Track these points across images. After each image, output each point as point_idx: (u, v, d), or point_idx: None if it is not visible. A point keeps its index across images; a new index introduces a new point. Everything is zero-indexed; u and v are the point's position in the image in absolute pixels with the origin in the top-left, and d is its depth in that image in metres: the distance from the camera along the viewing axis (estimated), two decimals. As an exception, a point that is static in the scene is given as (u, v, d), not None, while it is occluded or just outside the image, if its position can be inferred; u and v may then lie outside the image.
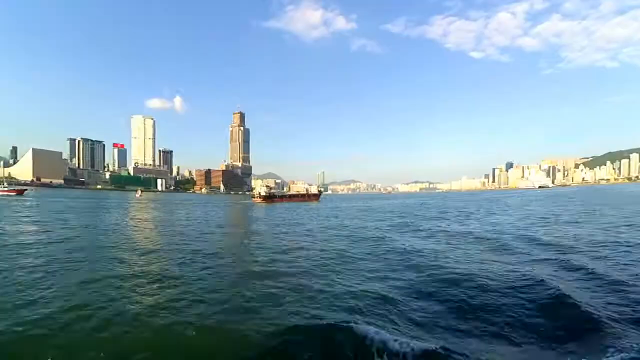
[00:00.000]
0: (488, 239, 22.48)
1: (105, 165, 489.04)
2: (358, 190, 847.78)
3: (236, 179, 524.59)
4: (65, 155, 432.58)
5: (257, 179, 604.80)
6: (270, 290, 11.71)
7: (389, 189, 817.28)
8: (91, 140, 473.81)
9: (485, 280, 12.48)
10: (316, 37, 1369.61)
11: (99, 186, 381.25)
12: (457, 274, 13.50)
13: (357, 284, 12.67)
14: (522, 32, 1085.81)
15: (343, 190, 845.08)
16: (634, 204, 50.98)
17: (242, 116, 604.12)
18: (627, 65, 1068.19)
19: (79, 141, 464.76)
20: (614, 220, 31.16)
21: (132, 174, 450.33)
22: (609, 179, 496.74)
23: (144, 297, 10.87)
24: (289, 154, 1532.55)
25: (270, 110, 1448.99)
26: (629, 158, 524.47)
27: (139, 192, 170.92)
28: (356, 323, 8.34)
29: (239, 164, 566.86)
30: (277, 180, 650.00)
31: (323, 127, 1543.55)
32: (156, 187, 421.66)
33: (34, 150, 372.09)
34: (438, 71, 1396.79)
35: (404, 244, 21.14)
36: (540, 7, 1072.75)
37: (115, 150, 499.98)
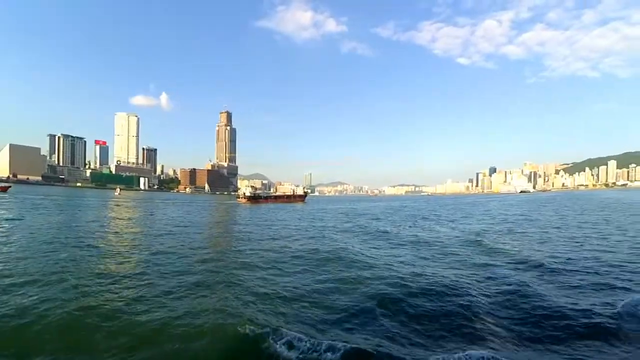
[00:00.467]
0: (434, 244, 22.45)
1: (87, 162, 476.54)
2: (345, 192, 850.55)
3: (222, 179, 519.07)
4: (45, 151, 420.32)
5: (244, 179, 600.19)
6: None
7: (376, 191, 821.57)
8: (72, 137, 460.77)
9: (411, 284, 12.54)
10: (307, 38, 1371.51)
11: (78, 184, 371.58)
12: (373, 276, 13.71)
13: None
14: (507, 40, 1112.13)
15: (330, 192, 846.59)
16: (602, 210, 52.13)
17: (229, 115, 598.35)
18: (607, 75, 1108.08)
19: (59, 137, 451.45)
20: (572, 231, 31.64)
21: (113, 172, 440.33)
22: (587, 185, 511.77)
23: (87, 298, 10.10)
24: (277, 155, 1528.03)
25: (258, 111, 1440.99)
26: (607, 165, 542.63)
27: (118, 190, 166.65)
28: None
29: (225, 164, 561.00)
30: (264, 181, 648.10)
31: (312, 129, 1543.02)
32: (138, 186, 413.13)
33: (11, 145, 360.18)
34: (426, 76, 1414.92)
35: (348, 246, 21.27)
36: (525, 16, 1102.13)
37: (97, 147, 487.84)
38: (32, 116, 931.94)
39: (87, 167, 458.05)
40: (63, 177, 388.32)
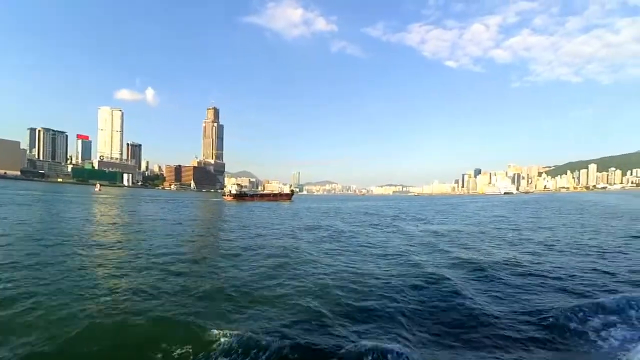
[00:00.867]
0: (387, 244, 22.64)
1: (69, 157, 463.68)
2: (333, 191, 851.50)
3: (208, 176, 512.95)
4: (25, 145, 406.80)
5: (231, 177, 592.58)
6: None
7: (364, 191, 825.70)
8: (53, 131, 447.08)
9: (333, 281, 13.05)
10: (297, 35, 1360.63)
11: (59, 179, 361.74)
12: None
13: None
14: (495, 44, 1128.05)
15: (318, 190, 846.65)
16: (578, 213, 53.06)
17: (216, 112, 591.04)
18: (590, 80, 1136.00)
19: (39, 131, 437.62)
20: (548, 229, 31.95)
21: (96, 167, 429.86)
22: (568, 188, 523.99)
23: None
24: (265, 153, 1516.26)
25: (247, 108, 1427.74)
26: (587, 168, 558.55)
27: (98, 186, 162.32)
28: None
29: (212, 161, 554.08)
30: (252, 179, 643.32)
31: (301, 128, 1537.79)
32: (122, 182, 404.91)
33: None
34: (415, 78, 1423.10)
35: (301, 246, 21.57)
36: (512, 21, 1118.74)
37: (80, 142, 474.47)
38: (11, 109, 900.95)
39: (68, 162, 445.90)
40: (43, 172, 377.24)
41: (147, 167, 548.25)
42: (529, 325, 9.11)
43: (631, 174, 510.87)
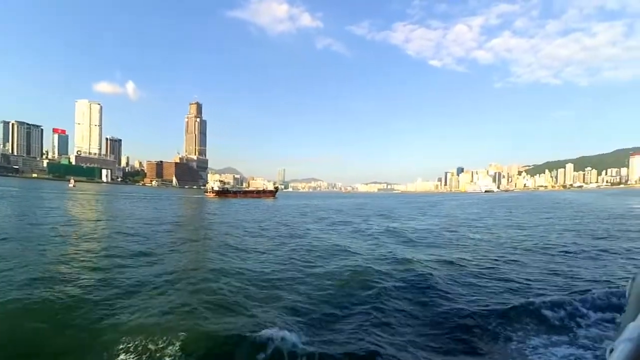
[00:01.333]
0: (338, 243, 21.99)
1: (44, 152, 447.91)
2: (319, 188, 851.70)
3: (191, 173, 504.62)
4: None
5: (215, 173, 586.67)
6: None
7: (349, 188, 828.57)
8: (27, 124, 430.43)
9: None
10: (282, 31, 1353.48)
11: (34, 175, 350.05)
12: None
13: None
14: (477, 45, 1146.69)
15: (304, 188, 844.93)
16: (551, 210, 53.81)
17: (199, 107, 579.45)
18: (568, 83, 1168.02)
19: (13, 124, 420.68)
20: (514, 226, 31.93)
21: (73, 162, 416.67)
22: (546, 186, 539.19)
23: None
24: (250, 150, 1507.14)
25: (232, 104, 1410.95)
26: (565, 168, 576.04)
27: (72, 182, 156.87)
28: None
29: (195, 157, 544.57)
30: (236, 176, 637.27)
31: (287, 124, 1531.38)
32: (100, 178, 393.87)
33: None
34: (400, 76, 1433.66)
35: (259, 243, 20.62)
36: (494, 23, 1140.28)
37: (56, 136, 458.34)
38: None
39: (44, 157, 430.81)
40: (17, 167, 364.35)
41: (127, 163, 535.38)
42: (444, 328, 8.74)
43: (606, 174, 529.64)
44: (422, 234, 26.22)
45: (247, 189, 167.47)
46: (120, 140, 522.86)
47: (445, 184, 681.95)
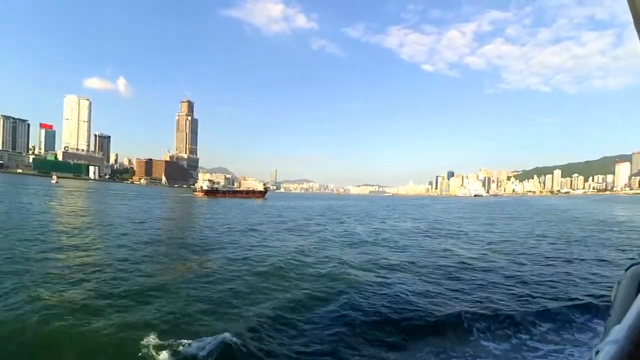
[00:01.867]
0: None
1: (31, 147, 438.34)
2: (311, 190, 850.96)
3: (181, 171, 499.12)
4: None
5: (206, 172, 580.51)
6: None
7: (341, 190, 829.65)
8: (13, 118, 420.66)
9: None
10: (277, 31, 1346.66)
11: (19, 170, 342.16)
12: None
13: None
14: (470, 51, 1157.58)
15: (296, 189, 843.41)
16: (532, 217, 53.87)
17: (190, 105, 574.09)
18: (558, 90, 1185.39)
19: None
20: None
21: (60, 158, 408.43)
22: (534, 192, 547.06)
23: None
24: (243, 149, 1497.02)
25: (225, 103, 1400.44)
26: (553, 174, 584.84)
27: (55, 178, 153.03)
28: None
29: (185, 156, 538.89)
30: (228, 175, 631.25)
31: (280, 125, 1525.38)
32: (88, 175, 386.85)
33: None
34: (394, 80, 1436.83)
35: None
36: (486, 29, 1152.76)
37: (43, 131, 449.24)
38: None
39: (30, 152, 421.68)
40: (2, 162, 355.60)
41: (116, 160, 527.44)
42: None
43: (592, 180, 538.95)
44: (396, 237, 25.65)
45: (236, 189, 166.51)
46: (110, 137, 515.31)
47: (436, 188, 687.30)
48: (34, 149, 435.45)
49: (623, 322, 1.02)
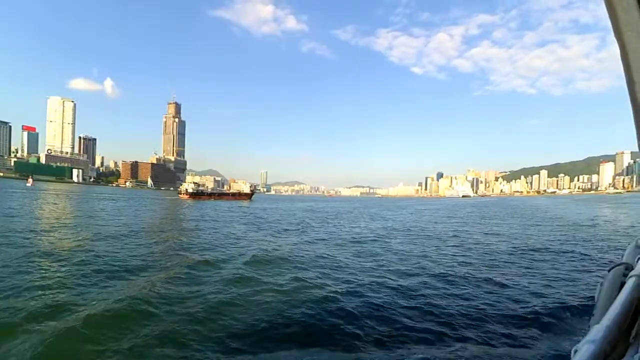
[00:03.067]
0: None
1: (14, 150, 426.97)
2: (302, 192, 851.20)
3: (168, 174, 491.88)
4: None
5: (196, 175, 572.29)
6: None
7: (332, 192, 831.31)
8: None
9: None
10: (267, 33, 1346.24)
11: (0, 174, 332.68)
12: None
13: None
14: (458, 54, 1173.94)
15: (287, 191, 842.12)
16: (513, 217, 53.12)
17: (177, 107, 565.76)
18: (543, 92, 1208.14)
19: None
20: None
21: (43, 161, 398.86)
22: (522, 192, 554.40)
23: None
24: (233, 152, 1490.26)
25: (214, 105, 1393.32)
26: (539, 174, 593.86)
27: (30, 180, 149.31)
28: None
29: (172, 158, 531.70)
30: (218, 178, 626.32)
31: (270, 127, 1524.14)
32: (71, 178, 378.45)
33: None
34: (383, 82, 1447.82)
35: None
36: (474, 32, 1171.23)
37: (25, 133, 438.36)
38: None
39: (13, 155, 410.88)
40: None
41: (102, 163, 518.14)
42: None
43: (578, 180, 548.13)
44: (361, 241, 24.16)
45: (222, 191, 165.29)
46: (95, 139, 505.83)
47: (426, 189, 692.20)
48: (17, 152, 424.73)
49: (601, 322, 1.07)
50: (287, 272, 14.21)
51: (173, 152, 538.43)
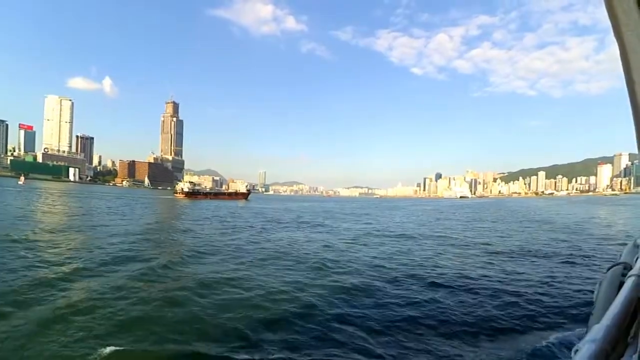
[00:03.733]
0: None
1: (11, 149, 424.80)
2: (300, 192, 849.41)
3: (165, 174, 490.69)
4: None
5: (194, 174, 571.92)
6: None
7: (330, 192, 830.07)
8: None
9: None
10: (266, 33, 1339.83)
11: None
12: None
13: None
14: (458, 55, 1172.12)
15: (286, 191, 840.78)
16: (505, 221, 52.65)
17: (175, 106, 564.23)
18: (543, 94, 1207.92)
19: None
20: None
21: (40, 160, 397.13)
22: (520, 193, 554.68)
23: None
24: (231, 152, 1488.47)
25: (215, 104, 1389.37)
26: (537, 175, 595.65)
27: (22, 179, 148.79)
28: None
29: (170, 157, 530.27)
30: (216, 178, 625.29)
31: (269, 127, 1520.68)
32: (68, 177, 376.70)
33: None
34: (383, 82, 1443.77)
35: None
36: (474, 33, 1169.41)
37: (22, 132, 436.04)
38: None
39: (10, 154, 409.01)
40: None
41: (99, 162, 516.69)
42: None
43: (576, 182, 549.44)
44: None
45: (218, 191, 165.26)
46: (92, 138, 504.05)
47: (424, 190, 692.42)
48: (13, 150, 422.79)
49: (601, 321, 1.08)
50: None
51: (171, 152, 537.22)
